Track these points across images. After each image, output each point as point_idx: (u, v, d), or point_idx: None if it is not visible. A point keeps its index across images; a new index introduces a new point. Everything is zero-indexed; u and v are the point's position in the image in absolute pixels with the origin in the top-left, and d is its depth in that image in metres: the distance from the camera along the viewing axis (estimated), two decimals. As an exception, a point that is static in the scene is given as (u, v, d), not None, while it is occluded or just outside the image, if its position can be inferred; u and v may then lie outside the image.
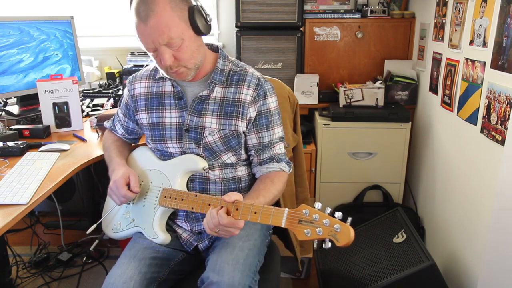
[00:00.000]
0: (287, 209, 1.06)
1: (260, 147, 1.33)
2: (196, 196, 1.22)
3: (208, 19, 1.21)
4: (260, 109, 1.29)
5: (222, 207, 1.12)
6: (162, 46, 1.15)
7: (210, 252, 1.30)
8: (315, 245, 1.02)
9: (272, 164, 1.33)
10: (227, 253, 1.22)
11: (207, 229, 1.13)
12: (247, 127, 1.30)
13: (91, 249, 1.43)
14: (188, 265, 1.38)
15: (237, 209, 1.11)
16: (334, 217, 1.00)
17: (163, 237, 1.29)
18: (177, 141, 1.32)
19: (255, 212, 1.09)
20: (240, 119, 1.28)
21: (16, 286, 2.10)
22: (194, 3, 1.18)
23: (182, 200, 1.24)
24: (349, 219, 1.01)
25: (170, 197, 1.27)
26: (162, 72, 1.29)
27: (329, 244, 0.98)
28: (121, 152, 1.44)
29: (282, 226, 1.05)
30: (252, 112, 1.29)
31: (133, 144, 1.54)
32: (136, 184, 1.29)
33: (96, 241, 1.41)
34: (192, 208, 1.22)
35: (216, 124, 1.28)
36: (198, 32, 1.19)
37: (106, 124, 1.55)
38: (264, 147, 1.33)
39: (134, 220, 1.35)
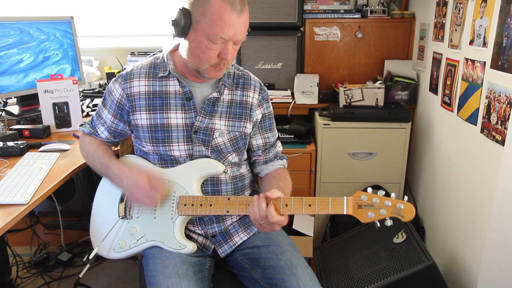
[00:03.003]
0: (345, 197, 1.12)
1: (267, 147, 1.42)
2: (228, 199, 1.20)
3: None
4: (264, 111, 1.40)
5: (267, 204, 1.11)
6: (231, 42, 1.16)
7: (266, 274, 1.25)
8: (378, 225, 1.12)
9: (277, 162, 1.43)
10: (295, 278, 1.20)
11: (252, 218, 1.14)
12: (252, 129, 1.37)
13: (80, 276, 1.40)
14: (214, 269, 1.34)
15: (286, 205, 1.12)
16: (391, 197, 1.11)
17: (190, 246, 1.24)
18: (185, 143, 1.28)
19: (310, 205, 1.13)
20: (248, 121, 1.34)
21: (16, 286, 2.11)
22: None
23: (211, 205, 1.21)
24: (405, 197, 1.13)
25: (192, 205, 1.23)
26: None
27: (389, 222, 1.11)
28: (112, 156, 1.34)
29: (345, 213, 1.11)
30: (258, 115, 1.37)
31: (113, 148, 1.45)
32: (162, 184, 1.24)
33: (87, 267, 1.34)
34: (228, 211, 1.20)
35: (226, 126, 1.31)
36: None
37: (83, 129, 1.43)
38: (270, 147, 1.43)
39: (145, 235, 1.27)
